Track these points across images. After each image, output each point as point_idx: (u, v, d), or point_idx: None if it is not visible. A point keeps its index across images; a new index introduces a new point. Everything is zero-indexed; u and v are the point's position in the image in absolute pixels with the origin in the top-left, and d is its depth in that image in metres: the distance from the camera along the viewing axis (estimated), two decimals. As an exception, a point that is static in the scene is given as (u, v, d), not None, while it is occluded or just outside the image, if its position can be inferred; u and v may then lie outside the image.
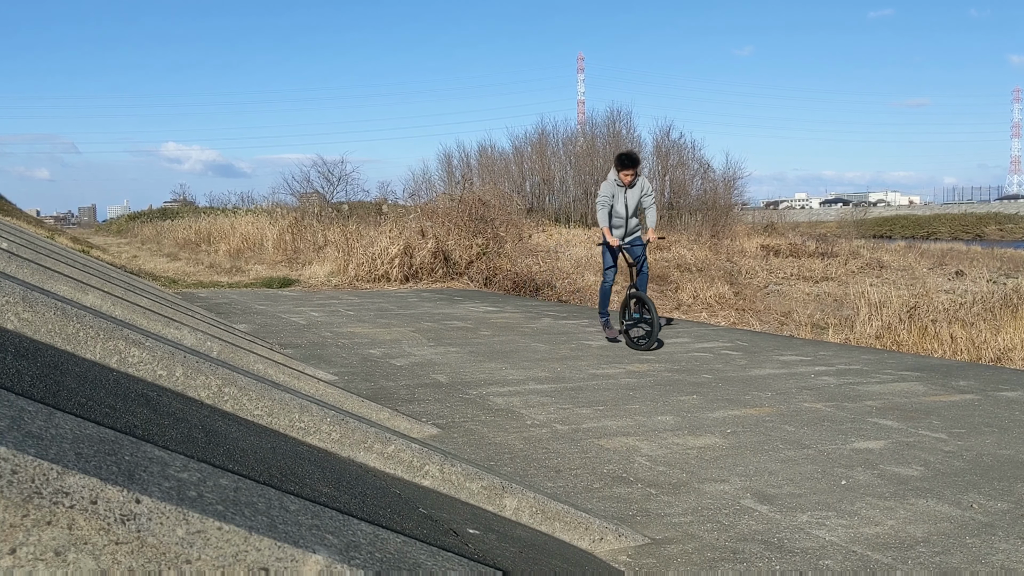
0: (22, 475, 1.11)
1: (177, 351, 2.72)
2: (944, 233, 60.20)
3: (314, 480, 2.05)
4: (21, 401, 1.39)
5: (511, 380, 5.44)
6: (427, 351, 6.67)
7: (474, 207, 15.33)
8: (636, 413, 4.51)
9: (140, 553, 1.16)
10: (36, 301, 2.42)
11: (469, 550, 1.99)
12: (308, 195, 24.04)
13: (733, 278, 17.44)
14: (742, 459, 3.64)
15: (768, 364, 6.25)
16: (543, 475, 3.34)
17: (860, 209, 61.07)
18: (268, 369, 4.13)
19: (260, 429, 2.54)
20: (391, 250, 14.20)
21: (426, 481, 2.68)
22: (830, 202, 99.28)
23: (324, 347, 6.78)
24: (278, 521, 1.41)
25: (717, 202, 31.64)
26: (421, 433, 3.86)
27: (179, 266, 17.60)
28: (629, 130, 35.60)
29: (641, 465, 3.53)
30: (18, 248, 5.60)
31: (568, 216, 33.22)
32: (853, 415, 4.55)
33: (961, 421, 4.45)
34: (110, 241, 31.05)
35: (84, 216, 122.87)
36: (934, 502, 3.09)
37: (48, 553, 1.09)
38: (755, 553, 2.56)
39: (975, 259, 23.38)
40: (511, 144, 50.07)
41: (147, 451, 1.45)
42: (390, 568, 1.47)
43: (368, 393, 4.78)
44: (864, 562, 2.50)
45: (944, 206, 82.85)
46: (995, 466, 3.59)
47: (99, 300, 4.12)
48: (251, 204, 30.00)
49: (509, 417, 4.37)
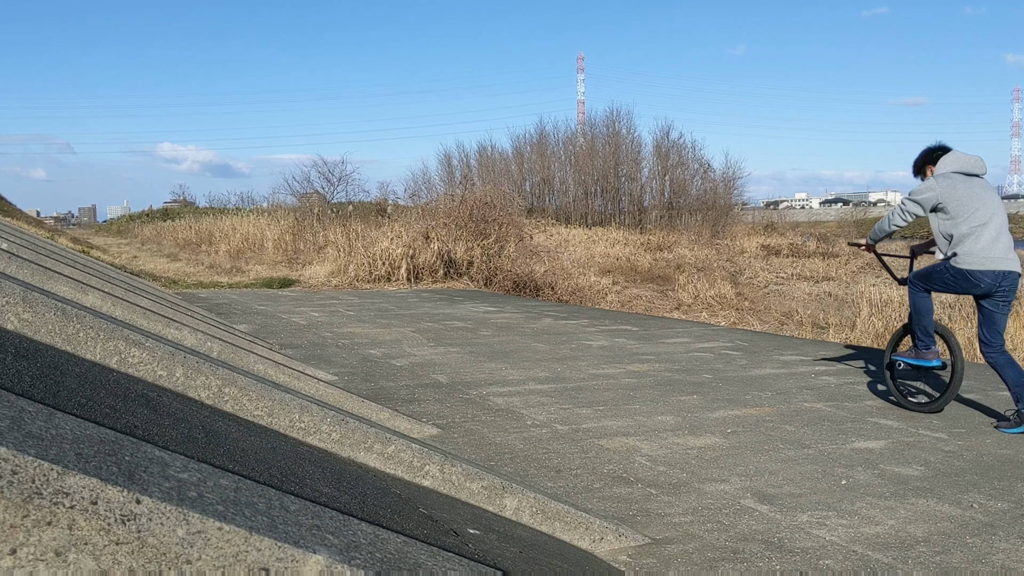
0: (22, 475, 1.11)
1: (177, 351, 2.73)
2: (944, 233, 60.09)
3: (314, 480, 2.05)
4: (21, 401, 1.39)
5: (511, 380, 5.44)
6: (427, 351, 6.67)
7: (475, 208, 15.33)
8: (636, 413, 4.51)
9: (140, 553, 1.16)
10: (36, 301, 2.42)
11: (469, 550, 1.99)
12: (308, 195, 24.03)
13: (734, 278, 17.45)
14: (742, 459, 3.64)
15: (768, 364, 6.25)
16: (543, 475, 3.34)
17: (860, 209, 61.00)
18: (268, 369, 4.13)
19: (260, 429, 2.54)
20: (393, 251, 14.20)
21: (426, 481, 2.68)
22: (830, 202, 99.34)
23: (324, 347, 6.78)
24: (278, 521, 1.41)
25: (717, 202, 31.64)
26: (421, 433, 3.86)
27: (179, 266, 17.60)
28: (629, 130, 35.61)
29: (641, 465, 3.53)
30: (18, 248, 5.61)
31: (568, 216, 33.22)
32: (853, 415, 4.55)
33: (961, 421, 4.45)
34: (110, 241, 31.05)
35: (84, 217, 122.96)
36: (934, 502, 3.09)
37: (48, 553, 1.09)
38: (755, 553, 2.56)
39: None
40: (511, 144, 50.10)
41: (147, 451, 1.45)
42: (390, 568, 1.47)
43: (368, 393, 4.78)
44: (864, 562, 2.50)
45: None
46: (995, 466, 3.59)
47: (99, 300, 4.13)
48: (251, 204, 29.99)
49: (509, 417, 4.37)
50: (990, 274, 4.26)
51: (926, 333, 4.60)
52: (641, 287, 16.40)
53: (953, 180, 4.39)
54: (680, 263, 19.13)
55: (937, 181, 4.42)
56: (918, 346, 4.64)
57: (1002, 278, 4.27)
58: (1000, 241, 4.31)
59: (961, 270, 4.32)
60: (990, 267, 4.25)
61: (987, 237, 4.28)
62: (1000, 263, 4.26)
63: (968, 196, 4.33)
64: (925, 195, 4.41)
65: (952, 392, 4.47)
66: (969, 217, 4.30)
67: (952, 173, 4.43)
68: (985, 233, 4.29)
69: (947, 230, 4.37)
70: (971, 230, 4.29)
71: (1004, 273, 4.26)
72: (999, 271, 4.25)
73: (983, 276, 4.27)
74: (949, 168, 4.46)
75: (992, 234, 4.29)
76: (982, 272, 4.27)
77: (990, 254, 4.27)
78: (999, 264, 4.26)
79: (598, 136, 35.57)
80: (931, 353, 4.58)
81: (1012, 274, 4.28)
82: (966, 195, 4.33)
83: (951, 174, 4.43)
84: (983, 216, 4.30)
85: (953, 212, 4.32)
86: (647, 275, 17.50)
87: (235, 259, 18.27)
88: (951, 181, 4.39)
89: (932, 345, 4.60)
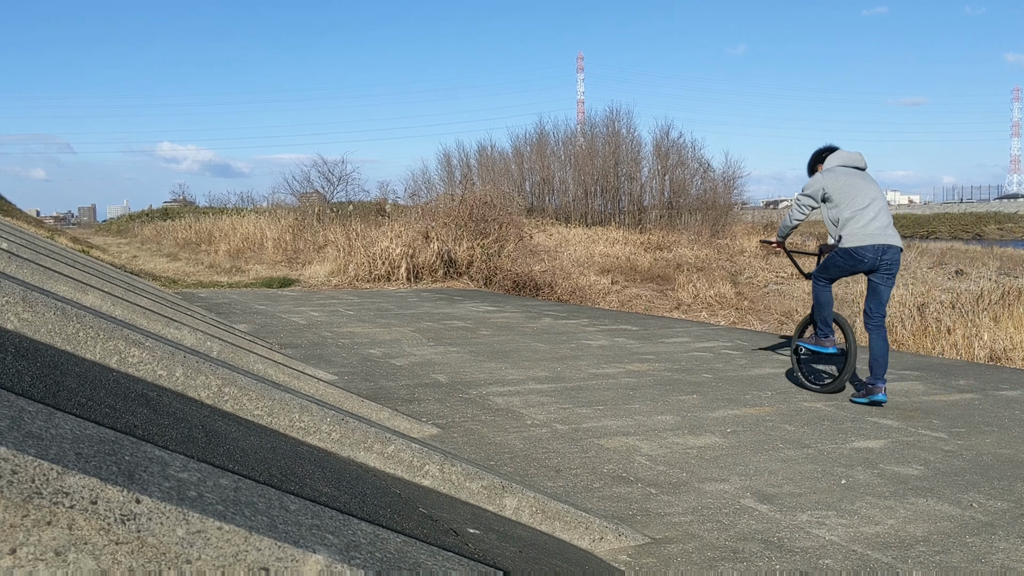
0: (22, 475, 1.11)
1: (177, 351, 2.73)
2: (944, 232, 60.18)
3: (314, 480, 2.05)
4: (21, 401, 1.39)
5: (511, 380, 5.44)
6: (427, 351, 6.67)
7: (475, 207, 15.33)
8: (636, 413, 4.51)
9: (140, 553, 1.16)
10: (36, 301, 2.42)
11: (469, 550, 1.99)
12: (308, 195, 24.03)
13: (733, 277, 17.44)
14: (742, 458, 3.64)
15: (768, 363, 6.25)
16: (543, 475, 3.34)
17: (860, 208, 60.98)
18: (268, 369, 4.13)
19: (260, 429, 2.54)
20: (392, 250, 14.20)
21: (426, 481, 2.68)
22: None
23: (324, 347, 6.78)
24: (278, 521, 1.41)
25: (717, 201, 31.61)
26: (421, 433, 3.86)
27: (179, 266, 17.60)
28: (629, 130, 35.57)
29: (641, 464, 3.53)
30: (18, 248, 5.60)
31: (568, 216, 33.22)
32: (853, 414, 4.55)
33: (961, 420, 4.46)
34: (110, 241, 31.05)
35: (84, 216, 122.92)
36: (934, 501, 3.09)
37: (48, 553, 1.09)
38: (755, 552, 2.56)
39: (975, 258, 23.38)
40: (511, 144, 50.09)
41: (147, 451, 1.45)
42: (390, 568, 1.47)
43: (368, 393, 4.78)
44: (864, 561, 2.50)
45: (944, 205, 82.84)
46: (995, 465, 3.59)
47: (99, 300, 4.12)
48: (251, 204, 29.98)
49: (509, 417, 4.37)
50: (871, 248, 4.79)
51: (825, 323, 5.10)
52: (641, 287, 16.40)
53: (836, 172, 4.99)
54: (680, 263, 19.12)
55: (823, 175, 5.03)
56: (818, 334, 5.15)
57: (883, 252, 4.79)
58: (878, 220, 4.84)
59: (846, 249, 4.86)
60: (870, 242, 4.79)
61: (867, 217, 4.83)
62: (879, 238, 4.79)
63: (849, 186, 4.91)
64: (813, 187, 5.03)
65: (847, 374, 4.98)
66: (851, 203, 4.86)
67: (836, 167, 5.04)
68: (865, 214, 4.83)
69: (834, 216, 4.93)
70: (853, 213, 4.84)
71: (884, 247, 4.79)
72: (879, 245, 4.78)
73: (865, 251, 4.80)
74: (833, 163, 5.07)
75: (871, 215, 4.84)
76: (863, 247, 4.80)
77: (869, 231, 4.80)
78: (878, 239, 4.78)
79: (598, 136, 35.55)
80: (828, 341, 5.10)
81: (892, 248, 4.81)
82: (847, 185, 4.91)
83: (835, 168, 5.04)
84: (862, 201, 4.86)
85: (837, 200, 4.90)
86: (647, 275, 17.50)
87: (235, 259, 18.27)
88: (834, 174, 4.98)
89: (830, 334, 5.11)
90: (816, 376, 5.37)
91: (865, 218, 4.81)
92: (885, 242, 4.79)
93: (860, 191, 4.88)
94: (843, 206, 4.87)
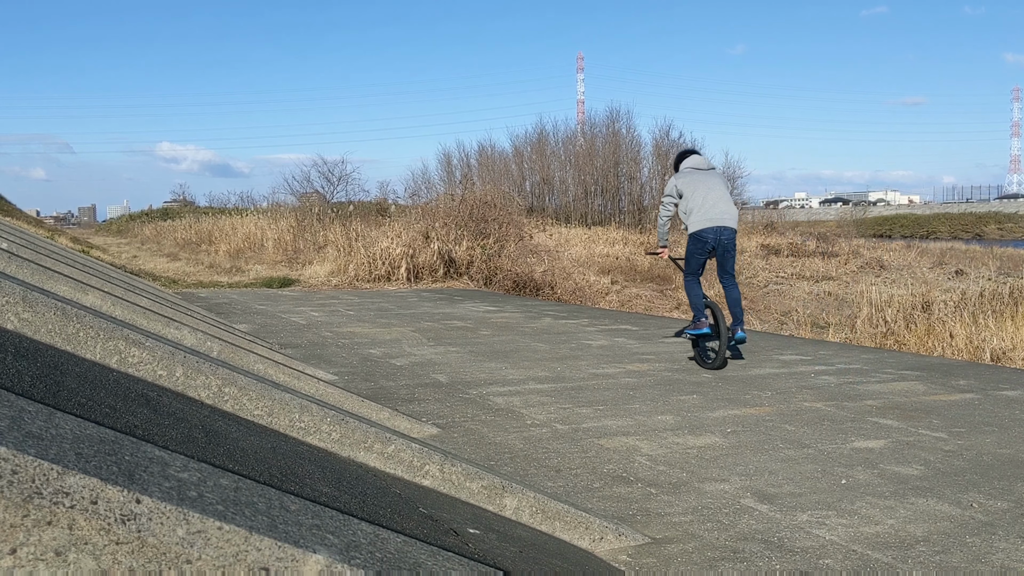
0: (22, 475, 1.11)
1: (177, 351, 2.73)
2: (944, 232, 60.15)
3: (314, 480, 2.05)
4: (21, 401, 1.39)
5: (511, 380, 5.44)
6: (427, 351, 6.67)
7: (475, 207, 15.33)
8: (636, 413, 4.51)
9: (140, 553, 1.16)
10: (36, 301, 2.42)
11: (469, 550, 1.99)
12: (308, 195, 24.01)
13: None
14: (742, 458, 3.64)
15: (768, 363, 6.25)
16: (543, 475, 3.34)
17: (860, 208, 61.07)
18: (268, 369, 4.13)
19: (260, 429, 2.54)
20: (393, 250, 14.20)
21: (426, 481, 2.68)
22: (830, 201, 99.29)
23: (324, 347, 6.78)
24: (278, 521, 1.41)
25: (717, 201, 31.55)
26: (421, 433, 3.86)
27: (179, 266, 17.61)
28: (629, 129, 35.59)
29: (641, 464, 3.53)
30: (18, 248, 5.61)
31: (568, 216, 33.21)
32: (853, 414, 4.55)
33: (961, 420, 4.46)
34: (110, 241, 31.05)
35: (84, 216, 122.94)
36: (934, 501, 3.09)
37: (48, 553, 1.09)
38: (755, 552, 2.56)
39: (975, 258, 23.38)
40: (511, 144, 50.09)
41: (147, 451, 1.45)
42: (390, 568, 1.47)
43: (368, 393, 4.78)
44: (864, 561, 2.50)
45: (944, 205, 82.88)
46: (995, 465, 3.59)
47: (99, 300, 4.12)
48: (251, 204, 29.95)
49: (509, 417, 4.37)
50: (711, 230, 5.78)
51: (698, 309, 5.94)
52: (641, 286, 16.41)
53: (686, 173, 6.03)
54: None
55: (676, 176, 6.07)
56: (694, 319, 5.94)
57: (719, 232, 5.78)
58: (716, 207, 5.80)
59: (691, 233, 5.87)
60: (708, 224, 5.78)
61: (707, 206, 5.80)
62: (715, 221, 5.78)
63: (695, 183, 5.91)
64: (669, 187, 6.08)
65: (723, 349, 5.81)
66: (695, 196, 5.85)
67: (687, 169, 6.08)
68: (705, 204, 5.81)
69: (684, 208, 5.93)
70: (696, 204, 5.83)
71: (720, 228, 5.78)
72: (716, 226, 5.77)
73: (706, 233, 5.79)
74: (686, 166, 6.12)
75: (710, 203, 5.81)
76: (704, 230, 5.79)
77: (707, 215, 5.78)
78: (715, 221, 5.78)
79: (598, 136, 35.55)
80: (702, 323, 5.88)
81: (727, 229, 5.80)
82: (693, 182, 5.92)
83: (686, 170, 6.08)
84: (703, 193, 5.84)
85: (687, 195, 5.90)
86: (647, 275, 17.50)
87: (235, 259, 18.27)
88: (685, 174, 6.03)
89: (702, 317, 5.90)
90: (708, 357, 6.03)
91: (706, 206, 5.78)
92: (721, 224, 5.77)
93: (703, 186, 5.87)
94: (689, 200, 5.85)
